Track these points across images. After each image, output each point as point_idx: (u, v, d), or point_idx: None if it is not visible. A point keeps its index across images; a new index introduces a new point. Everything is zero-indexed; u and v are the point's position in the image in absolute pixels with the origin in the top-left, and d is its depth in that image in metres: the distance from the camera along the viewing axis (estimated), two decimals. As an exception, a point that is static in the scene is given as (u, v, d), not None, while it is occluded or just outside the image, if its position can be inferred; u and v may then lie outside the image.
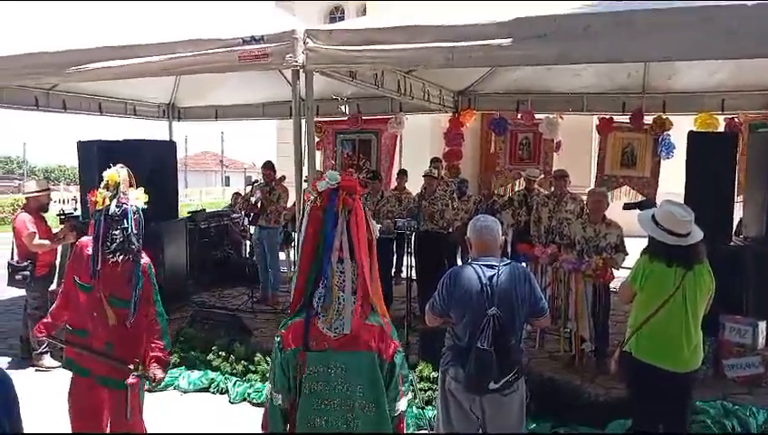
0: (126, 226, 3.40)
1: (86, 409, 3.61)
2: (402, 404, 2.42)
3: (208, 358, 5.86)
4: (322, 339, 2.29)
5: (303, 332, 2.30)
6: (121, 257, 3.42)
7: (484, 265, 3.32)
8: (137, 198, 3.52)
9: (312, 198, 2.38)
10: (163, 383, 5.55)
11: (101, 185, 3.53)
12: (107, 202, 3.44)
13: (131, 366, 3.44)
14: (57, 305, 3.71)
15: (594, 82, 9.01)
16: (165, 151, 8.61)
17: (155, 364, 3.51)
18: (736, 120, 8.79)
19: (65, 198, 24.08)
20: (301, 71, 5.25)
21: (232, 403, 5.37)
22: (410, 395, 2.51)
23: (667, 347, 3.54)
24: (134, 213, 3.46)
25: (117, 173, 3.48)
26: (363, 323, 2.30)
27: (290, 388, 2.33)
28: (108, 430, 3.68)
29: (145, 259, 3.58)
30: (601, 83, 9.03)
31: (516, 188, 9.96)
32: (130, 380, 3.44)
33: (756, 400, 5.20)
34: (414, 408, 4.88)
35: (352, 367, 2.29)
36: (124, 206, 3.44)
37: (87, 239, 3.58)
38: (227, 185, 39.94)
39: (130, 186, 3.56)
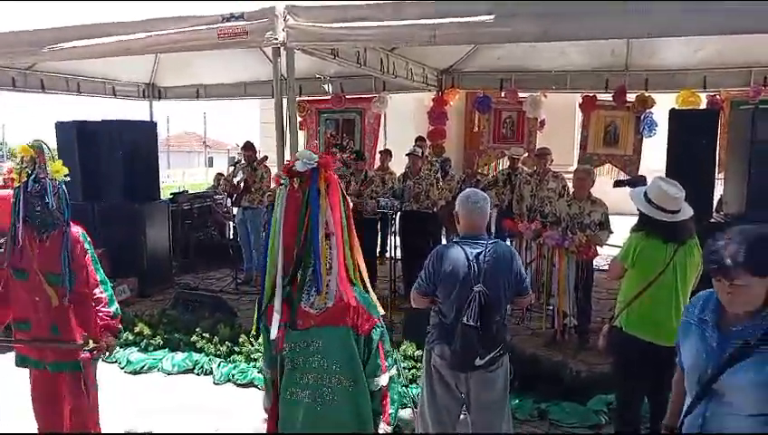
0: (47, 200, 3.30)
1: (47, 400, 3.52)
2: (383, 379, 2.44)
3: (192, 340, 5.84)
4: (307, 317, 2.34)
5: (287, 311, 2.34)
6: (47, 233, 3.34)
7: (470, 244, 3.34)
8: (56, 172, 3.40)
9: (282, 181, 2.36)
10: (147, 365, 5.62)
11: (17, 160, 3.40)
12: (24, 178, 3.32)
13: (81, 341, 3.36)
14: None
15: (577, 60, 8.99)
16: (145, 132, 8.50)
17: (105, 332, 3.41)
18: (718, 97, 8.83)
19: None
20: (281, 48, 5.18)
21: (216, 384, 5.36)
22: (394, 371, 2.50)
23: (657, 321, 3.58)
24: (54, 187, 3.34)
25: (31, 147, 3.38)
26: (341, 298, 2.33)
27: (275, 363, 2.44)
28: (68, 414, 3.58)
29: (76, 229, 3.47)
30: (584, 61, 9.01)
31: (500, 167, 9.97)
32: (83, 355, 3.35)
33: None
34: (398, 386, 4.91)
35: (329, 342, 2.34)
36: (43, 180, 3.32)
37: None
38: (210, 166, 39.60)
39: (48, 160, 3.41)
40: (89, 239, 3.54)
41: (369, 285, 2.50)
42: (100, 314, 3.44)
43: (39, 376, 3.51)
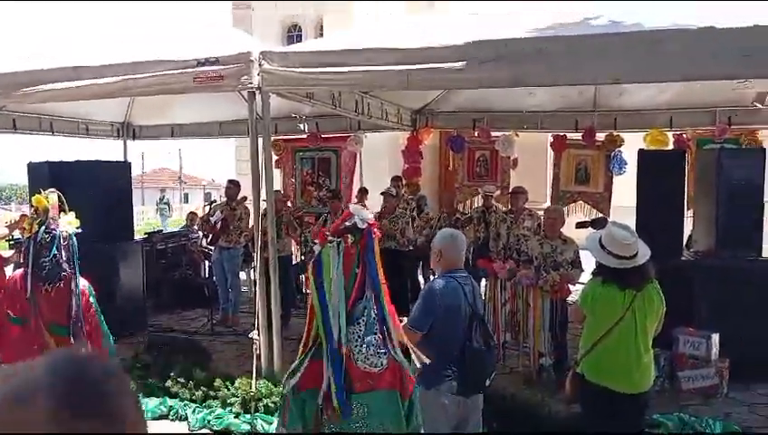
0: (55, 252, 3.33)
1: None
2: None
3: (166, 384, 5.73)
4: (365, 377, 2.22)
5: (336, 374, 2.18)
6: (53, 284, 3.36)
7: (457, 277, 3.52)
8: (68, 223, 3.44)
9: (332, 239, 2.29)
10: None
11: (30, 211, 3.45)
12: (35, 228, 3.35)
13: None
14: None
15: (547, 101, 9.17)
16: (119, 172, 8.43)
17: None
18: (685, 136, 9.06)
19: (15, 218, 23.53)
20: (257, 92, 5.24)
21: (192, 430, 5.26)
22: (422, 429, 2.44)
23: (617, 369, 3.59)
24: (64, 238, 3.37)
25: (46, 198, 3.41)
26: (393, 358, 2.25)
27: (305, 428, 2.26)
28: None
29: (84, 282, 3.51)
30: (554, 102, 9.21)
31: (474, 205, 10.07)
32: None
33: (712, 411, 5.32)
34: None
35: (375, 407, 2.22)
36: (53, 231, 3.36)
37: (20, 271, 3.48)
38: (186, 202, 39.42)
39: (61, 211, 3.48)
40: (94, 293, 3.58)
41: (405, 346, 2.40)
42: None
43: None
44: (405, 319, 3.51)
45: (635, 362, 3.57)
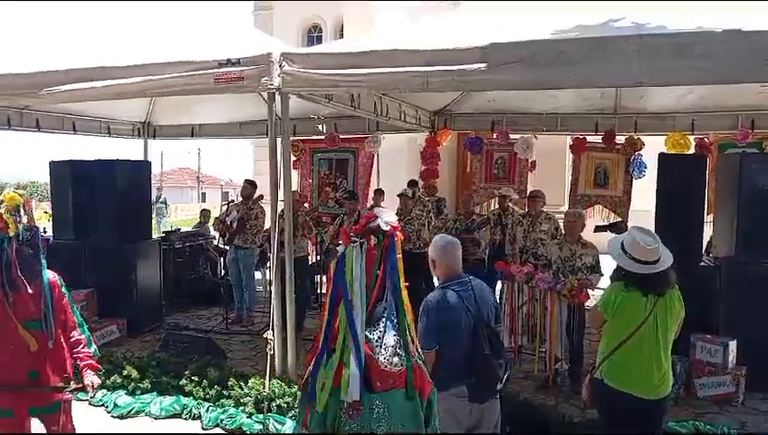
0: (39, 247, 3.36)
1: None
2: None
3: (181, 383, 5.76)
4: (386, 376, 2.24)
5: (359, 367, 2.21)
6: (32, 280, 3.37)
7: (456, 285, 3.47)
8: (39, 218, 3.48)
9: (355, 239, 2.32)
10: (134, 409, 5.55)
11: (2, 209, 3.36)
12: (12, 226, 3.32)
13: (61, 384, 3.38)
14: None
15: (567, 103, 9.11)
16: (139, 172, 8.51)
17: (89, 371, 3.45)
18: (707, 140, 8.96)
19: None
20: (277, 93, 5.26)
21: (205, 429, 5.28)
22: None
23: (637, 374, 3.57)
24: (43, 234, 3.44)
25: (17, 195, 3.41)
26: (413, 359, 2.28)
27: (326, 428, 2.27)
28: None
29: (52, 274, 3.50)
30: (574, 104, 9.15)
31: (492, 207, 10.04)
32: (66, 396, 3.38)
33: (728, 419, 5.27)
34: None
35: (395, 406, 2.24)
36: (33, 228, 3.38)
37: None
38: (204, 201, 39.75)
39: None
40: (64, 283, 3.58)
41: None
42: (81, 354, 3.49)
43: (4, 425, 3.45)
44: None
45: (655, 368, 3.55)
